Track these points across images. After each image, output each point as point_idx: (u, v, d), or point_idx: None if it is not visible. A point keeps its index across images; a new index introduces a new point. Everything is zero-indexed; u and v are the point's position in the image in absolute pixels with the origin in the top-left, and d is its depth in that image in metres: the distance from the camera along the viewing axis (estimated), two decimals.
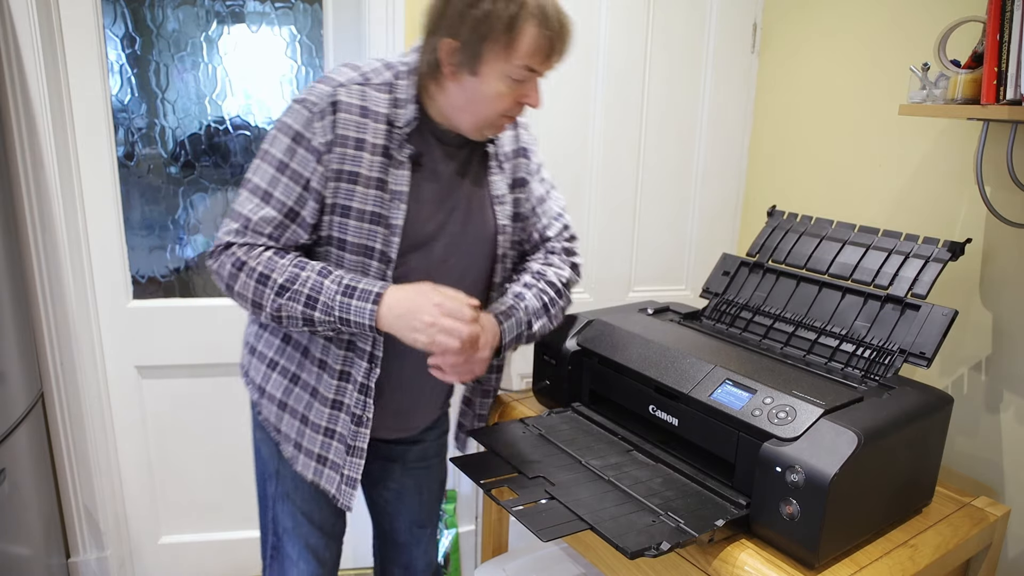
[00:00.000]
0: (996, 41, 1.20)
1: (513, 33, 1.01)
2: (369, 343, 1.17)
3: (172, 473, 2.04)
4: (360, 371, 1.18)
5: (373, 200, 1.11)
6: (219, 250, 1.11)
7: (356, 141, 1.09)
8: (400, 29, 1.78)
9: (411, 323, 1.06)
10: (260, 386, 1.25)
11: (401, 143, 1.11)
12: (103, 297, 1.87)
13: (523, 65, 1.04)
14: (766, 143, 2.04)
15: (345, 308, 1.07)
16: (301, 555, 1.34)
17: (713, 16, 1.98)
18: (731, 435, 1.12)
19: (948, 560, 1.12)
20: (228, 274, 1.10)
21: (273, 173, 1.09)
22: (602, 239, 2.05)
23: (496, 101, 1.07)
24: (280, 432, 1.25)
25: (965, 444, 1.55)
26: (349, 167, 1.09)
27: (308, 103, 1.08)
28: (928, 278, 1.26)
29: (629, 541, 0.98)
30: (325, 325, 1.09)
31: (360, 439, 1.20)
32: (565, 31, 1.06)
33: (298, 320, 1.09)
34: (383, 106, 1.10)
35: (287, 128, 1.09)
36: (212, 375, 1.98)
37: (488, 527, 1.74)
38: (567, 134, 1.94)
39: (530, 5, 1.01)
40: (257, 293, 1.08)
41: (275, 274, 1.08)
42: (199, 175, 1.94)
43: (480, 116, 1.10)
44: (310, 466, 1.23)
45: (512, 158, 1.26)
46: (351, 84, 1.09)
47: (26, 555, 1.64)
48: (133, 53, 1.83)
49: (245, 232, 1.10)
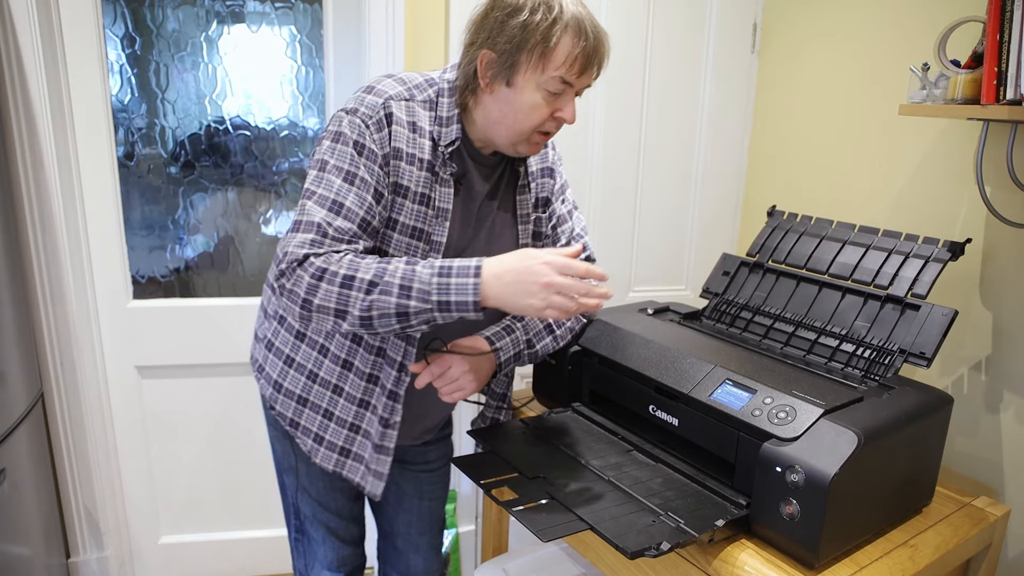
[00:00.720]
0: (996, 41, 1.20)
1: (548, 44, 1.02)
2: (400, 352, 1.17)
3: (172, 473, 2.04)
4: (390, 379, 1.18)
5: (418, 215, 1.11)
6: (294, 266, 1.02)
7: (408, 155, 1.09)
8: (400, 29, 1.78)
9: (525, 288, 0.99)
10: (277, 381, 1.24)
11: (444, 161, 1.12)
12: (103, 297, 1.87)
13: (558, 76, 1.05)
14: (766, 143, 2.04)
15: (444, 289, 0.99)
16: (325, 538, 1.38)
17: (713, 16, 1.98)
18: (731, 435, 1.12)
19: (948, 560, 1.12)
20: (307, 287, 1.01)
21: (340, 183, 1.05)
22: (602, 239, 2.05)
23: (531, 113, 1.07)
24: (298, 426, 1.24)
25: (965, 444, 1.55)
26: (402, 180, 1.09)
27: (362, 114, 1.07)
28: (928, 278, 1.26)
29: (629, 541, 0.98)
30: (420, 316, 1.01)
31: (388, 439, 1.20)
32: (600, 45, 1.06)
33: (391, 316, 1.01)
34: (427, 123, 1.11)
35: (345, 138, 1.07)
36: (212, 375, 1.98)
37: (488, 527, 1.74)
38: (567, 134, 1.93)
39: (566, 17, 1.02)
40: (342, 299, 1.00)
41: (360, 273, 1.01)
42: (199, 175, 1.94)
43: (515, 129, 1.09)
44: (332, 458, 1.23)
45: (539, 177, 1.27)
46: (399, 99, 1.09)
47: (26, 555, 1.64)
48: (133, 53, 1.83)
49: (323, 242, 1.03)
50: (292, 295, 1.02)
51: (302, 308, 1.02)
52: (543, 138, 1.13)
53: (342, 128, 1.07)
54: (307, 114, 1.97)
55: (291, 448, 1.30)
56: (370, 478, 1.21)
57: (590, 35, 1.04)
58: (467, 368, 1.16)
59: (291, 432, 1.26)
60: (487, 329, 1.24)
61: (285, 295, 1.03)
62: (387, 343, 1.16)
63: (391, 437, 1.20)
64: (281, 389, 1.24)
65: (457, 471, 1.66)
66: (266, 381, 1.26)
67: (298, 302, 1.02)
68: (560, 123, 1.11)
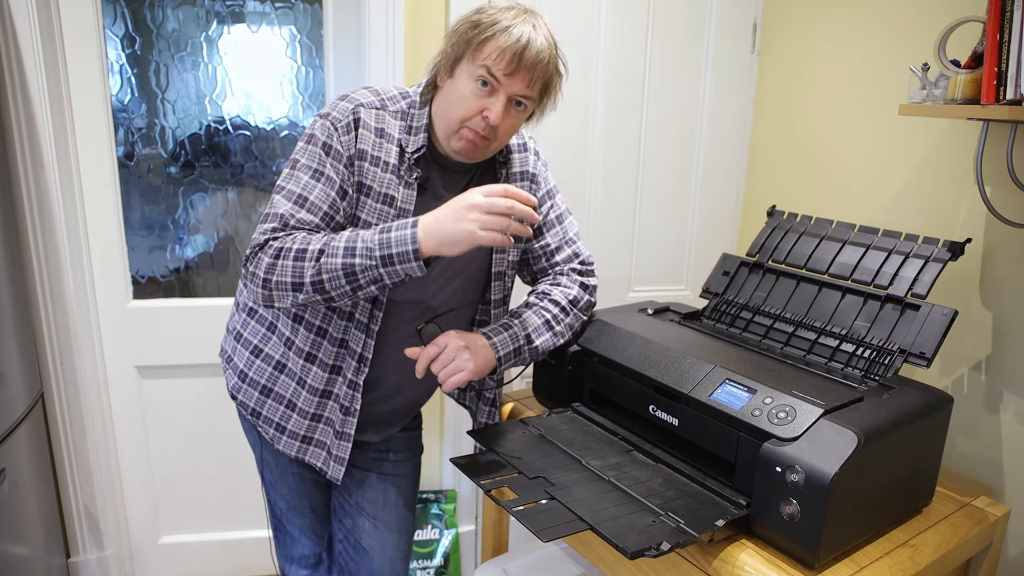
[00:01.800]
0: (996, 41, 1.20)
1: (484, 36, 1.10)
2: (360, 344, 1.22)
3: (172, 473, 2.04)
4: (350, 369, 1.24)
5: (381, 214, 1.17)
6: (256, 250, 1.11)
7: (372, 157, 1.16)
8: (400, 29, 1.78)
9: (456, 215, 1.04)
10: (243, 371, 1.30)
11: (410, 166, 1.18)
12: (103, 297, 1.87)
13: (485, 67, 1.10)
14: (766, 143, 2.04)
15: (385, 244, 1.05)
16: (301, 533, 1.44)
17: (713, 16, 1.98)
18: (731, 435, 1.12)
19: (948, 560, 1.12)
20: (266, 267, 1.09)
21: (307, 179, 1.14)
22: (602, 239, 2.05)
23: (460, 103, 1.13)
24: (260, 416, 1.30)
25: (965, 444, 1.55)
26: (366, 180, 1.16)
27: (332, 118, 1.15)
28: (928, 278, 1.26)
29: (629, 541, 0.98)
30: (367, 274, 1.07)
31: (348, 426, 1.27)
32: (534, 52, 1.09)
33: (340, 277, 1.07)
34: (396, 131, 1.18)
35: (315, 140, 1.15)
36: (212, 375, 1.98)
37: (488, 527, 1.74)
38: (567, 134, 1.94)
39: (512, 25, 1.09)
40: (296, 271, 1.07)
41: (311, 245, 1.08)
42: (199, 175, 1.94)
43: (447, 119, 1.15)
44: (293, 445, 1.29)
45: (519, 180, 1.31)
46: (370, 107, 1.17)
47: (26, 555, 1.64)
48: (133, 53, 1.83)
49: (284, 229, 1.12)
50: (254, 277, 1.11)
51: (263, 288, 1.10)
52: (472, 135, 1.14)
53: (314, 130, 1.16)
54: (307, 114, 1.97)
55: (258, 439, 1.36)
56: (331, 463, 1.28)
57: (525, 39, 1.09)
58: (462, 344, 1.18)
59: (252, 421, 1.32)
60: (485, 328, 1.26)
61: (249, 278, 1.12)
62: (349, 335, 1.22)
63: (351, 424, 1.26)
64: (246, 379, 1.29)
65: (457, 471, 1.66)
66: (232, 371, 1.32)
67: (259, 282, 1.10)
68: (487, 124, 1.12)
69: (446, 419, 2.07)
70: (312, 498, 1.42)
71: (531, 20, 1.12)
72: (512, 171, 1.30)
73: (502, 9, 1.12)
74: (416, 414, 1.48)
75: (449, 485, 2.14)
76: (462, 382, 1.17)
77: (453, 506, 2.12)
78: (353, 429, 1.26)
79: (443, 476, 2.15)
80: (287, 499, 1.40)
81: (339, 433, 1.27)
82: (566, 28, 1.86)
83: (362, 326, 1.22)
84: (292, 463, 1.36)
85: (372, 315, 1.21)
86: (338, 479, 1.28)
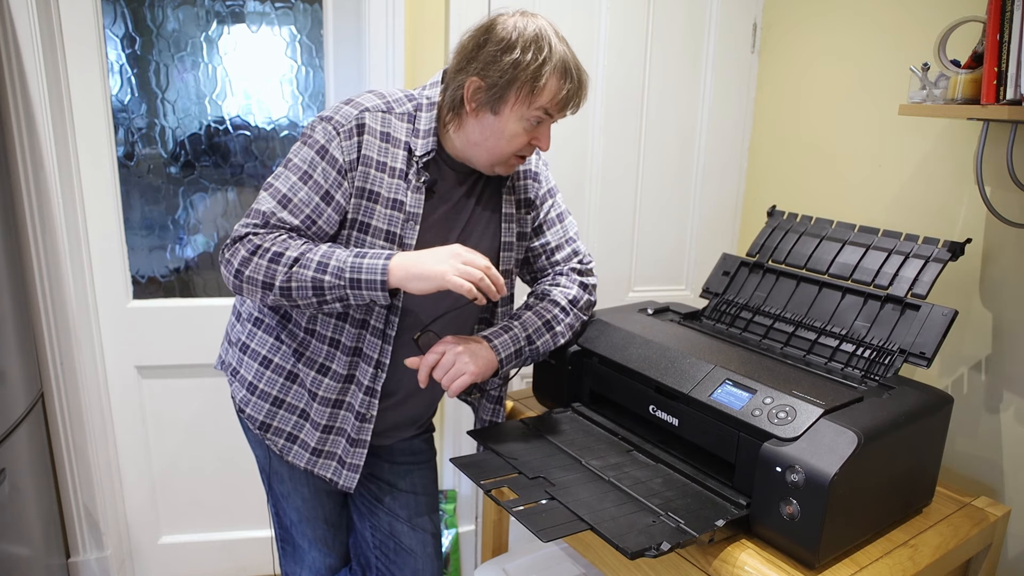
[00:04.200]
0: (996, 41, 1.20)
1: (538, 83, 1.11)
2: (376, 350, 1.21)
3: (172, 473, 2.04)
4: (367, 376, 1.22)
5: (390, 219, 1.17)
6: (235, 240, 1.12)
7: (378, 163, 1.16)
8: (400, 29, 1.78)
9: (435, 257, 1.08)
10: (252, 383, 1.26)
11: (418, 170, 1.18)
12: (103, 297, 1.87)
13: (541, 111, 1.14)
14: (766, 143, 2.04)
15: (356, 269, 1.08)
16: (312, 545, 1.40)
17: (713, 16, 1.98)
18: (731, 435, 1.12)
19: (948, 560, 1.12)
20: (241, 259, 1.10)
21: (295, 180, 1.14)
22: (602, 239, 2.05)
23: (511, 140, 1.16)
24: (270, 428, 1.27)
25: (965, 444, 1.55)
26: (371, 186, 1.16)
27: (335, 122, 1.14)
28: (928, 278, 1.26)
29: (629, 541, 0.98)
30: (334, 292, 1.09)
31: (364, 433, 1.25)
32: (583, 86, 1.17)
33: (307, 288, 1.09)
34: (403, 134, 1.18)
35: (313, 141, 1.14)
36: (212, 375, 1.98)
37: (488, 527, 1.74)
38: (567, 134, 1.94)
39: (555, 59, 1.12)
40: (269, 272, 1.09)
41: (289, 251, 1.10)
42: (199, 175, 1.94)
43: (495, 153, 1.17)
44: (304, 456, 1.27)
45: (522, 179, 1.32)
46: (376, 111, 1.16)
47: (26, 555, 1.64)
48: (133, 53, 1.83)
49: (265, 226, 1.13)
50: (228, 265, 1.12)
51: (235, 278, 1.12)
52: (519, 161, 1.21)
53: (314, 133, 1.15)
54: (307, 114, 1.97)
55: (267, 453, 1.32)
56: (344, 472, 1.26)
57: (575, 77, 1.14)
58: (460, 348, 1.18)
59: (260, 436, 1.28)
60: (486, 330, 1.26)
61: (224, 264, 1.14)
62: (363, 342, 1.22)
63: (367, 431, 1.24)
64: (256, 391, 1.26)
65: (457, 471, 1.66)
66: (240, 384, 1.29)
67: (232, 271, 1.12)
68: (535, 148, 1.20)
69: (446, 419, 2.07)
70: (326, 509, 1.39)
71: (555, 34, 1.13)
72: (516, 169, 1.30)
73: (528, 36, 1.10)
74: (431, 415, 1.47)
75: (449, 485, 2.14)
76: (465, 385, 1.17)
77: (453, 506, 2.11)
78: (369, 436, 1.25)
79: (443, 476, 2.15)
80: (300, 511, 1.37)
81: (354, 440, 1.25)
82: (566, 28, 1.84)
83: (378, 332, 1.21)
84: (304, 474, 1.33)
85: (388, 320, 1.20)
86: (351, 488, 1.26)
